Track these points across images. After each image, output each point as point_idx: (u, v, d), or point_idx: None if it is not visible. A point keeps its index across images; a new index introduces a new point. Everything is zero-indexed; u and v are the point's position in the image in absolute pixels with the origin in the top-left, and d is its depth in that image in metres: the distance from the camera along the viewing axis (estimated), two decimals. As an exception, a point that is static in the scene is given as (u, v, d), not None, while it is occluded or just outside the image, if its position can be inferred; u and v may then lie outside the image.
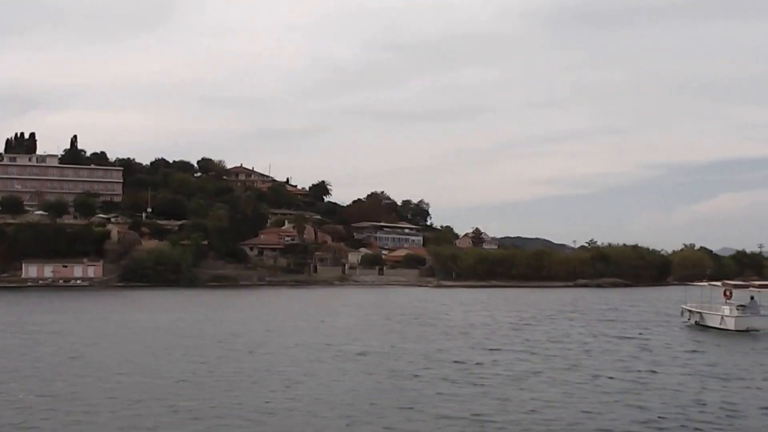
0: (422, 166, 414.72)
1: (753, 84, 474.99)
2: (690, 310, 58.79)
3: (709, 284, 62.15)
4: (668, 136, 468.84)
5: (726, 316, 53.02)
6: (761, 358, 38.19)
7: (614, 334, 50.62)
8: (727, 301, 54.85)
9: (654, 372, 32.57)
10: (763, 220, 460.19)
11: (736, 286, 58.11)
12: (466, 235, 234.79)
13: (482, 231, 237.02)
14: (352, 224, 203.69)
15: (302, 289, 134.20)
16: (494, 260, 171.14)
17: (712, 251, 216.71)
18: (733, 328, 51.64)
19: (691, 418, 23.06)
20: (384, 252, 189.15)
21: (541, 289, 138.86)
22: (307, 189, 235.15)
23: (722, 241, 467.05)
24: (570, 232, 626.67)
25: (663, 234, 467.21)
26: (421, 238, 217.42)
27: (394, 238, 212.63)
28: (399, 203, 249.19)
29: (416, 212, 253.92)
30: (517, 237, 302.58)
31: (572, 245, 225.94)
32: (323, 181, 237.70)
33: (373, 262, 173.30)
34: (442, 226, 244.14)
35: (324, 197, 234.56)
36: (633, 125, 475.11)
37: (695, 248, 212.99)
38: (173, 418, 23.36)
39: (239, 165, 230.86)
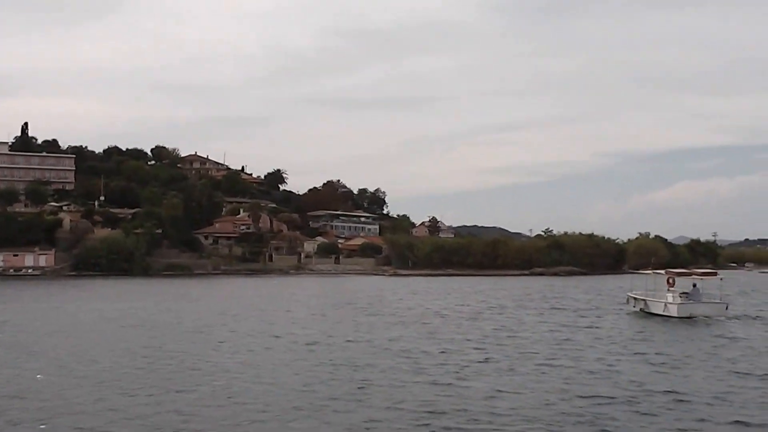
0: (379, 155, 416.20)
1: (709, 74, 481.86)
2: (635, 298, 60.19)
3: (654, 272, 63.53)
4: (625, 125, 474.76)
5: (669, 303, 54.35)
6: (703, 345, 38.73)
7: (566, 322, 50.98)
8: (670, 288, 56.29)
9: (602, 360, 32.84)
10: (719, 209, 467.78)
11: (679, 274, 59.46)
12: (422, 223, 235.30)
13: (439, 220, 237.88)
14: (308, 213, 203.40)
15: (257, 278, 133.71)
16: (450, 249, 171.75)
17: (666, 240, 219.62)
18: (676, 315, 52.91)
19: (638, 406, 23.26)
20: (340, 241, 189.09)
21: (496, 278, 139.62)
22: (263, 177, 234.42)
23: (678, 230, 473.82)
24: (526, 221, 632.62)
25: (619, 222, 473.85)
26: (377, 227, 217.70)
27: (350, 226, 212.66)
28: (355, 192, 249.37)
29: (373, 201, 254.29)
30: (474, 226, 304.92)
31: (528, 234, 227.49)
32: (278, 170, 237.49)
33: (329, 251, 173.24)
34: (398, 215, 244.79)
35: (279, 186, 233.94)
36: (590, 114, 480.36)
37: (650, 237, 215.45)
38: (100, 410, 23.02)
39: (193, 153, 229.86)
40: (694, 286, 56.67)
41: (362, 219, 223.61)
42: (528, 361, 32.56)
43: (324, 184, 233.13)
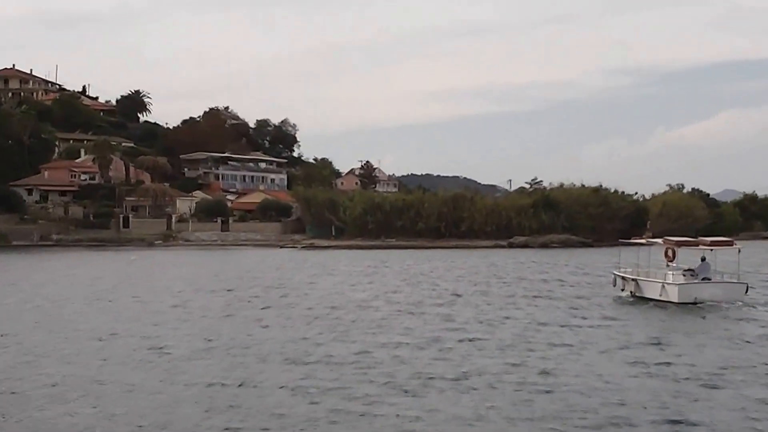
0: (286, 72, 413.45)
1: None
2: (624, 278, 61.78)
3: (648, 242, 64.71)
4: (638, 27, 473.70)
5: (668, 284, 55.91)
6: (712, 350, 39.01)
7: (543, 320, 50.65)
8: (670, 263, 58.23)
9: (582, 376, 32.93)
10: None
11: (680, 244, 60.50)
12: (351, 171, 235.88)
13: (375, 166, 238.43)
14: (182, 155, 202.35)
15: (107, 251, 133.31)
16: (392, 209, 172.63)
17: (708, 195, 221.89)
18: (676, 300, 54.60)
19: None
20: (229, 197, 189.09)
21: (458, 251, 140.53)
22: (114, 103, 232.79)
23: (723, 181, 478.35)
24: (502, 169, 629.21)
25: (638, 171, 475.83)
26: (284, 177, 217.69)
27: (244, 176, 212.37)
28: (252, 125, 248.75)
29: (277, 138, 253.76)
30: (426, 175, 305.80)
31: (506, 187, 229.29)
32: (138, 91, 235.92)
33: (213, 212, 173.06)
34: (316, 159, 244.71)
35: (139, 115, 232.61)
36: (588, 12, 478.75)
37: (684, 191, 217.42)
38: None
39: (11, 66, 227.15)
40: (703, 260, 57.83)
41: (262, 165, 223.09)
42: (479, 376, 32.62)
43: (205, 112, 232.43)
